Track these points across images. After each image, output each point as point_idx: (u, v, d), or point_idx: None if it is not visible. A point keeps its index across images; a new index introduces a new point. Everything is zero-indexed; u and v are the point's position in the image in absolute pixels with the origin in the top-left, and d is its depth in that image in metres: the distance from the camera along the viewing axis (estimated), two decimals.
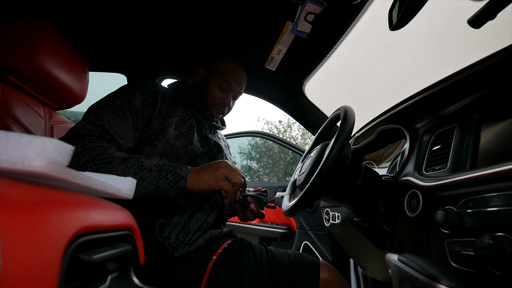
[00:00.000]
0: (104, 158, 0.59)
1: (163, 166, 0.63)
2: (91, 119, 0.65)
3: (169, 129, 0.76)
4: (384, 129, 0.83)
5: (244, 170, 10.78)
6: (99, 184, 0.32)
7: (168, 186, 0.62)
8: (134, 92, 0.73)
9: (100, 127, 0.65)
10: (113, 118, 0.67)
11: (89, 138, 0.62)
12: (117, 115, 0.68)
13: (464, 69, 0.55)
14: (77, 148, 0.59)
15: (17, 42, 0.69)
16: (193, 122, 0.84)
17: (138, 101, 0.72)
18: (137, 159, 0.62)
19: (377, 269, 0.87)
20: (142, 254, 0.39)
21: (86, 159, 0.57)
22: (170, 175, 0.62)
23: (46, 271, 0.21)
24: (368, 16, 0.79)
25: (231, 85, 0.88)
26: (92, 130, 0.63)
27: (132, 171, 0.60)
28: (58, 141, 0.24)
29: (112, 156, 0.60)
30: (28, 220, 0.20)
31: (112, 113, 0.68)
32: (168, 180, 0.62)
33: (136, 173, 0.60)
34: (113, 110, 0.69)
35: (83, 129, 0.63)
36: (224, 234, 0.80)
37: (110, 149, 0.61)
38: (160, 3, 0.79)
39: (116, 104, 0.70)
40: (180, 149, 0.76)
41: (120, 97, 0.71)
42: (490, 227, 0.37)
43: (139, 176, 0.60)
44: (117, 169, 0.59)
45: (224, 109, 0.91)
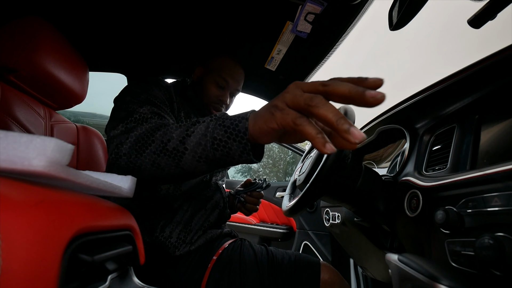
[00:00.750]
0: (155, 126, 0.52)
1: (220, 115, 0.47)
2: (133, 108, 0.59)
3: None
4: (384, 129, 0.83)
5: (244, 170, 10.77)
6: (99, 183, 0.32)
7: (225, 134, 0.42)
8: (151, 88, 0.70)
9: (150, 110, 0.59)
10: (151, 106, 0.63)
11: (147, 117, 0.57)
12: (152, 105, 0.63)
13: (464, 69, 0.55)
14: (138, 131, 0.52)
15: (17, 42, 0.69)
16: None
17: (160, 95, 0.70)
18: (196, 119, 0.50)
19: (377, 269, 0.87)
20: (142, 254, 0.39)
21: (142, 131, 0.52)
22: (227, 121, 0.44)
23: (46, 271, 0.20)
24: (368, 16, 0.79)
25: (228, 82, 0.87)
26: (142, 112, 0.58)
27: (185, 128, 0.47)
28: (58, 140, 0.24)
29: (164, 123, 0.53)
30: (28, 220, 0.20)
31: (147, 103, 0.62)
32: (225, 127, 0.43)
33: (188, 128, 0.47)
34: (145, 102, 0.63)
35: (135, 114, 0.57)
36: (224, 234, 0.80)
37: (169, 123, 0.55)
38: (160, 3, 0.79)
39: (142, 98, 0.64)
40: None
41: (142, 93, 0.66)
42: (490, 227, 0.37)
43: (190, 130, 0.46)
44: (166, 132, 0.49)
45: (221, 106, 0.89)
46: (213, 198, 0.80)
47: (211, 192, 0.82)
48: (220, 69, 0.86)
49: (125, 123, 0.57)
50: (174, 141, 0.46)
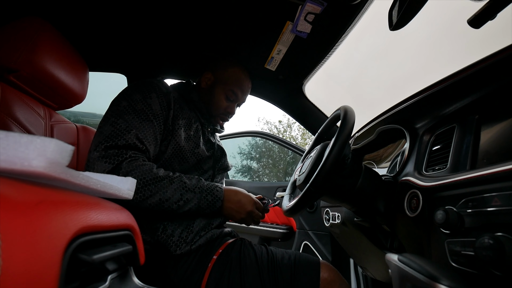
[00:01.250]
0: (153, 179, 0.65)
1: (202, 187, 0.71)
2: (121, 126, 0.66)
3: (179, 131, 0.76)
4: (384, 129, 0.83)
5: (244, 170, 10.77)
6: (99, 184, 0.32)
7: (207, 205, 0.71)
8: (150, 95, 0.73)
9: (135, 137, 0.66)
10: (139, 123, 0.68)
11: (129, 151, 0.64)
12: (142, 120, 0.69)
13: (464, 69, 0.55)
14: (124, 167, 0.62)
15: (17, 42, 0.69)
16: (198, 125, 0.84)
17: (156, 104, 0.73)
18: (179, 178, 0.69)
19: (377, 269, 0.87)
20: (142, 254, 0.39)
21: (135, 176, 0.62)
22: (209, 196, 0.71)
23: (46, 271, 0.21)
24: (368, 16, 0.79)
25: (237, 96, 0.91)
26: (128, 140, 0.65)
27: (179, 193, 0.67)
28: (58, 141, 0.24)
29: (159, 176, 0.66)
30: (28, 220, 0.20)
31: (138, 118, 0.69)
32: (207, 201, 0.71)
33: (183, 195, 0.68)
34: (137, 115, 0.69)
35: (120, 139, 0.64)
36: (224, 234, 0.80)
37: (153, 168, 0.67)
38: (159, 3, 0.79)
39: (138, 108, 0.70)
40: (188, 151, 0.77)
41: (140, 101, 0.71)
42: (490, 227, 0.37)
43: (185, 197, 0.68)
44: (166, 190, 0.66)
45: (228, 117, 0.95)
46: None
47: None
48: (232, 82, 0.89)
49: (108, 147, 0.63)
50: (170, 202, 0.66)
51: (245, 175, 10.61)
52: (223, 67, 0.91)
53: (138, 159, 0.66)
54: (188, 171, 0.77)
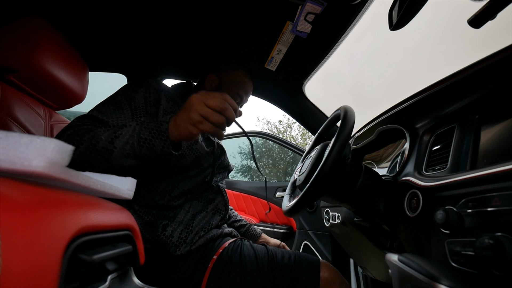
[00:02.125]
0: (84, 131, 0.57)
1: (144, 121, 0.59)
2: (87, 113, 0.65)
3: None
4: (384, 129, 0.83)
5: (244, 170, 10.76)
6: (99, 184, 0.32)
7: (150, 134, 0.56)
8: (137, 90, 0.73)
9: (92, 118, 0.63)
10: (111, 110, 0.67)
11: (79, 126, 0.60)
12: (115, 107, 0.68)
13: (464, 69, 0.55)
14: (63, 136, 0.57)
15: (17, 42, 0.69)
16: None
17: (140, 97, 0.72)
18: (123, 124, 0.61)
19: (377, 269, 0.87)
20: (142, 254, 0.39)
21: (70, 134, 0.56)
22: (151, 124, 0.57)
23: (46, 271, 0.20)
24: (368, 16, 0.79)
25: (242, 98, 0.93)
26: (83, 121, 0.62)
27: (113, 131, 0.56)
28: (58, 141, 0.24)
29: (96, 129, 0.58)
30: (28, 220, 0.20)
31: (111, 106, 0.68)
32: (149, 129, 0.56)
33: (116, 131, 0.56)
34: (112, 104, 0.68)
35: (76, 122, 0.61)
36: (225, 234, 0.80)
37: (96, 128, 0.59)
38: (159, 3, 0.79)
39: (117, 99, 0.70)
40: (185, 147, 0.76)
41: (122, 93, 0.71)
42: (490, 227, 0.37)
43: (118, 133, 0.56)
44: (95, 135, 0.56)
45: None
46: (214, 200, 0.81)
47: (213, 194, 0.82)
48: (237, 85, 0.91)
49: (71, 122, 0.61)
50: (103, 142, 0.55)
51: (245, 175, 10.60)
52: (227, 70, 0.92)
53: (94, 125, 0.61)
54: (188, 168, 0.77)
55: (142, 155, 0.57)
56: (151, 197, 0.71)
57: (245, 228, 1.05)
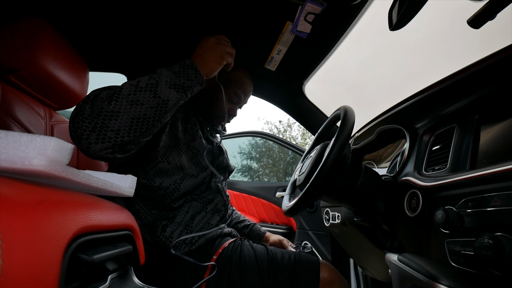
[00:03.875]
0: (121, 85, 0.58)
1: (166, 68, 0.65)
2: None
3: (177, 123, 0.76)
4: (384, 129, 0.83)
5: (244, 170, 10.76)
6: (99, 183, 0.32)
7: (180, 68, 0.65)
8: None
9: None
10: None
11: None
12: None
13: (464, 69, 0.55)
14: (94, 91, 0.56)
15: (17, 42, 0.69)
16: (196, 120, 0.84)
17: None
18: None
19: (377, 269, 0.87)
20: (142, 254, 0.39)
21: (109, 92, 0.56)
22: (177, 67, 0.65)
23: (46, 271, 0.21)
24: (368, 16, 0.79)
25: (240, 98, 0.92)
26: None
27: (149, 77, 0.60)
28: (58, 139, 0.24)
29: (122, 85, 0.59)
30: (28, 220, 0.20)
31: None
32: (177, 66, 0.65)
33: (152, 76, 0.61)
34: None
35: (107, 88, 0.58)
36: (224, 234, 0.80)
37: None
38: (159, 3, 0.79)
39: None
40: (184, 144, 0.76)
41: None
42: (489, 227, 0.37)
43: (153, 74, 0.61)
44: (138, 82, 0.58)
45: (230, 119, 0.95)
46: (213, 201, 0.81)
47: (212, 194, 0.82)
48: (236, 85, 0.90)
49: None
50: (144, 81, 0.59)
51: (245, 175, 10.61)
52: None
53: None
54: (187, 166, 0.76)
55: (181, 85, 0.63)
56: (152, 199, 0.71)
57: (249, 228, 1.05)
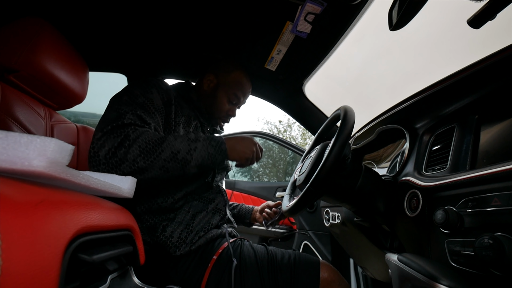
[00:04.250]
0: (159, 138, 0.63)
1: (202, 136, 0.71)
2: (125, 110, 0.65)
3: (178, 128, 0.76)
4: (384, 129, 0.83)
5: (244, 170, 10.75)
6: (99, 184, 0.32)
7: (214, 150, 0.70)
8: (151, 90, 0.72)
9: (139, 117, 0.65)
10: (143, 112, 0.67)
11: (133, 126, 0.63)
12: (145, 110, 0.68)
13: (464, 69, 0.55)
14: (131, 134, 0.60)
15: (17, 42, 0.69)
16: (197, 123, 0.85)
17: (157, 99, 0.72)
18: (179, 135, 0.69)
19: (377, 269, 0.87)
20: (142, 254, 0.39)
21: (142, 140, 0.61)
22: (212, 141, 0.71)
23: (46, 271, 0.21)
24: (368, 16, 0.79)
25: (239, 99, 0.93)
26: (133, 119, 0.64)
27: (186, 143, 0.66)
28: (58, 140, 0.24)
29: (163, 136, 0.65)
30: (28, 220, 0.20)
31: (140, 108, 0.67)
32: (213, 146, 0.71)
33: (190, 145, 0.67)
34: (139, 106, 0.68)
35: (124, 119, 0.62)
36: (224, 234, 0.80)
37: (156, 132, 0.67)
38: (160, 3, 0.79)
39: (139, 102, 0.68)
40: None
41: (141, 95, 0.70)
42: (489, 227, 0.37)
43: (193, 146, 0.67)
44: (173, 144, 0.64)
45: (229, 119, 0.97)
46: (214, 200, 0.81)
47: (213, 194, 0.82)
48: (235, 86, 0.91)
49: (113, 126, 0.62)
50: (182, 153, 0.65)
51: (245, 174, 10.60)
52: (226, 70, 0.92)
53: (143, 126, 0.66)
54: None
55: (205, 166, 0.70)
56: (154, 201, 0.71)
57: (238, 209, 1.08)
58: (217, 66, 0.93)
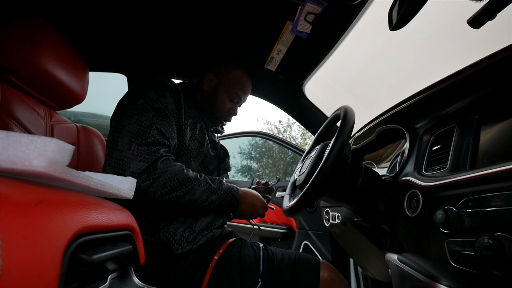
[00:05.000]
0: (184, 180, 0.68)
1: (223, 188, 0.76)
2: (146, 123, 0.67)
3: (185, 130, 0.77)
4: (384, 129, 0.83)
5: (244, 170, 10.76)
6: (99, 184, 0.32)
7: (225, 205, 0.76)
8: (165, 94, 0.73)
9: (160, 133, 0.68)
10: (161, 120, 0.69)
11: (160, 149, 0.67)
12: (162, 117, 0.70)
13: (464, 69, 0.55)
14: (159, 167, 0.65)
15: (17, 42, 0.69)
16: (202, 124, 0.85)
17: (171, 103, 0.73)
18: (205, 181, 0.73)
19: (377, 269, 0.87)
20: (142, 254, 0.39)
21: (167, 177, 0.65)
22: (228, 197, 0.76)
23: (46, 271, 0.21)
24: (368, 16, 0.79)
25: (240, 98, 0.94)
26: (155, 136, 0.67)
27: (206, 194, 0.71)
28: (58, 140, 0.24)
29: (189, 177, 0.69)
30: (28, 220, 0.20)
31: (158, 115, 0.69)
32: (227, 201, 0.76)
33: (209, 196, 0.72)
34: (157, 113, 0.70)
35: (149, 136, 0.66)
36: (225, 234, 0.80)
37: (183, 169, 0.70)
38: (160, 3, 0.79)
39: (156, 107, 0.70)
40: (193, 150, 0.78)
41: (156, 100, 0.71)
42: (489, 227, 0.37)
43: (210, 199, 0.72)
44: (195, 191, 0.69)
45: (231, 118, 0.97)
46: None
47: None
48: (235, 85, 0.91)
49: (138, 144, 0.65)
50: (199, 201, 0.71)
51: (245, 175, 10.60)
52: (226, 69, 0.92)
53: (169, 158, 0.68)
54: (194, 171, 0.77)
55: (217, 210, 0.77)
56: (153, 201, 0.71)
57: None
58: (217, 65, 0.93)
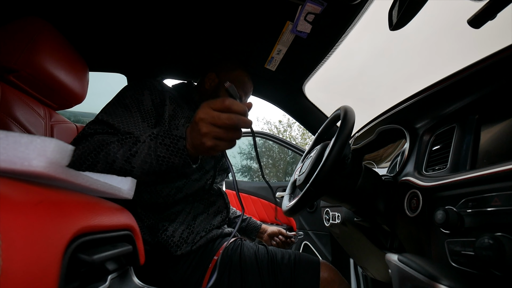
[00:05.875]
0: (97, 146, 0.54)
1: (158, 133, 0.55)
2: (97, 117, 0.63)
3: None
4: (384, 129, 0.83)
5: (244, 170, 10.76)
6: (99, 184, 0.32)
7: (167, 152, 0.52)
8: (143, 92, 0.71)
9: (103, 123, 0.61)
10: (120, 113, 0.65)
11: (92, 136, 0.57)
12: (124, 110, 0.66)
13: (464, 69, 0.55)
14: (78, 150, 0.54)
15: (17, 42, 0.69)
16: None
17: (148, 100, 0.70)
18: (136, 137, 0.56)
19: (377, 269, 0.87)
20: (142, 254, 0.39)
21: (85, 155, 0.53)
22: (166, 139, 0.53)
23: (46, 271, 0.21)
24: (368, 16, 0.79)
25: (241, 98, 0.93)
26: (95, 128, 0.60)
27: (127, 148, 0.53)
28: (58, 141, 0.24)
29: (109, 141, 0.55)
30: (28, 220, 0.20)
31: (120, 108, 0.66)
32: (166, 145, 0.52)
33: (131, 149, 0.53)
34: (121, 106, 0.66)
35: (88, 129, 0.59)
36: (225, 234, 0.80)
37: (109, 138, 0.56)
38: (160, 3, 0.79)
39: (125, 103, 0.67)
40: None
41: (129, 96, 0.69)
42: (490, 227, 0.37)
43: (133, 150, 0.53)
44: (113, 151, 0.53)
45: None
46: (215, 203, 0.81)
47: (214, 197, 0.82)
48: (236, 84, 0.90)
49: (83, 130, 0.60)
50: (119, 161, 0.53)
51: (245, 175, 10.60)
52: (227, 69, 0.92)
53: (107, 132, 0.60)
54: (190, 173, 0.77)
55: (162, 172, 0.55)
56: (155, 201, 0.71)
57: (246, 222, 1.08)
58: (218, 65, 0.94)
